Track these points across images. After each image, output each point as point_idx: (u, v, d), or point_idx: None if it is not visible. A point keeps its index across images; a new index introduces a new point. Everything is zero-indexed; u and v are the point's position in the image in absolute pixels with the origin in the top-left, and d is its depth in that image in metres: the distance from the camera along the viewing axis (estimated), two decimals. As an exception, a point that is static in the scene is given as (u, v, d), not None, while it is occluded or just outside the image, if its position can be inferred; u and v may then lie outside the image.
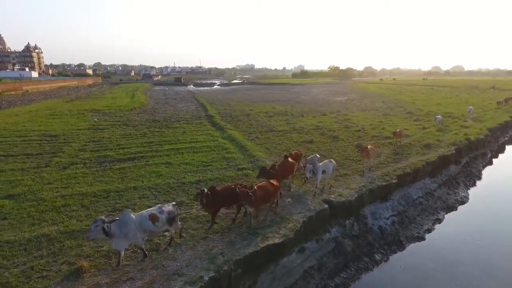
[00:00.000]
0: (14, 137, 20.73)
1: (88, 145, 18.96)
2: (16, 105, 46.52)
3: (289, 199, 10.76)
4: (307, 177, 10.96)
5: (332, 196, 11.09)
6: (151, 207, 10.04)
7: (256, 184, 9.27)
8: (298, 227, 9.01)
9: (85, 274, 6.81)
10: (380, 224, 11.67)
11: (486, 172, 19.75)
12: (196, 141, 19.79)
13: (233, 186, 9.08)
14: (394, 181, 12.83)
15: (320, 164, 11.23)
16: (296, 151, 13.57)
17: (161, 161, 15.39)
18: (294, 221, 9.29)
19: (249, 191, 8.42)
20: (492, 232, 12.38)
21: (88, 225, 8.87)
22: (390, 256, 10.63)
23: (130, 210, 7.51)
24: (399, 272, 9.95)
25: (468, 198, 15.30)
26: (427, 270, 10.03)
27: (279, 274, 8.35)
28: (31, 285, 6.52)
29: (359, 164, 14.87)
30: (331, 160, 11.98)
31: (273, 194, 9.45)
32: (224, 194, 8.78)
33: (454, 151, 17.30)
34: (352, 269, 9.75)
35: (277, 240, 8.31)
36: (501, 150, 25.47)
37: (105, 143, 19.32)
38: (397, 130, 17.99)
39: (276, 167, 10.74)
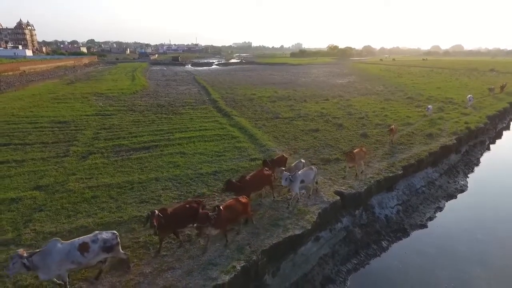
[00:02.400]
0: (25, 124, 21.09)
1: (100, 133, 19.43)
2: (14, 86, 46.35)
3: (303, 191, 11.49)
4: (283, 185, 10.10)
5: (343, 188, 11.85)
6: (175, 199, 10.90)
7: (222, 203, 8.73)
8: (314, 219, 9.79)
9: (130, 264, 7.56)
10: (386, 213, 12.54)
11: (484, 159, 20.62)
12: (205, 129, 20.32)
13: (187, 205, 8.36)
14: (400, 172, 13.60)
15: (300, 172, 10.42)
16: (280, 155, 12.77)
17: (175, 150, 15.98)
18: (311, 213, 10.06)
19: (211, 214, 7.74)
20: (488, 219, 13.34)
21: (121, 217, 9.66)
22: (395, 243, 11.55)
23: (58, 239, 6.83)
24: (404, 258, 10.88)
25: (467, 187, 16.19)
26: (429, 255, 10.98)
27: (298, 261, 9.21)
28: (83, 274, 7.28)
29: (366, 154, 15.57)
30: (312, 167, 11.11)
31: (242, 213, 8.73)
32: (178, 214, 8.08)
33: (455, 141, 18.04)
34: (362, 255, 10.66)
35: (297, 231, 9.10)
36: (499, 136, 26.33)
37: (116, 131, 19.78)
38: (391, 126, 17.20)
39: (247, 178, 9.81)
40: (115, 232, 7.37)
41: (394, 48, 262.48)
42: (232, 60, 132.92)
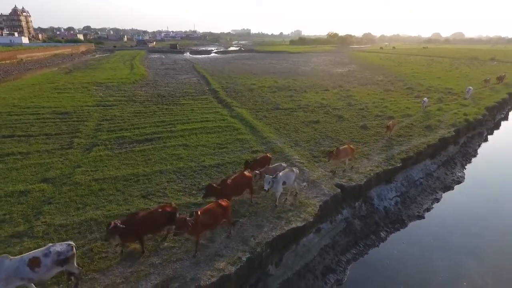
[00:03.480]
0: (27, 115, 21.17)
1: (103, 124, 19.57)
2: (13, 75, 46.08)
3: (304, 183, 11.79)
4: (265, 189, 9.73)
5: (344, 180, 12.16)
6: (180, 191, 11.18)
7: (200, 208, 8.40)
8: (316, 211, 10.12)
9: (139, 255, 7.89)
10: (385, 204, 12.90)
11: (482, 150, 20.94)
12: (207, 120, 20.48)
13: (159, 210, 8.12)
14: (398, 164, 13.90)
15: (281, 173, 10.11)
16: (264, 155, 12.55)
17: (178, 142, 16.19)
18: (312, 205, 10.39)
19: (188, 219, 7.44)
20: (484, 210, 13.73)
21: (128, 210, 9.95)
22: (393, 234, 11.94)
23: (6, 255, 6.51)
24: (401, 248, 11.29)
25: (464, 178, 16.53)
26: (426, 245, 11.39)
27: (300, 252, 9.58)
28: (95, 265, 7.60)
29: (366, 146, 15.87)
30: (293, 169, 10.71)
31: (221, 217, 8.35)
32: (146, 220, 7.82)
33: (453, 133, 18.31)
34: (361, 245, 11.04)
35: (299, 224, 9.43)
36: (497, 127, 26.61)
37: (118, 122, 19.92)
38: (389, 123, 17.03)
39: (228, 181, 9.52)
40: (71, 243, 7.06)
41: (394, 35, 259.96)
42: (231, 48, 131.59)
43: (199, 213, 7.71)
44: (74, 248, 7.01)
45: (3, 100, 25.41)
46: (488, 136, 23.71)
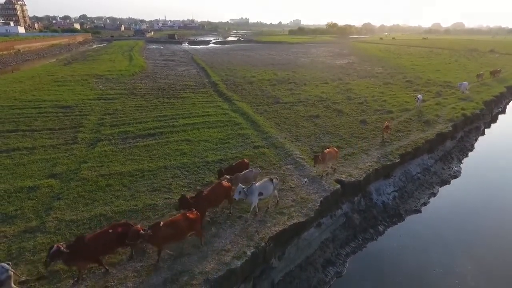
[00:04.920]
0: (29, 109, 21.33)
1: (105, 118, 19.78)
2: (11, 66, 45.88)
3: (305, 179, 12.14)
4: (234, 198, 9.29)
5: (343, 176, 12.51)
6: (185, 187, 11.51)
7: (164, 219, 8.27)
8: (317, 206, 10.49)
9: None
10: (383, 199, 13.30)
11: (478, 144, 21.30)
12: (208, 115, 20.71)
13: (110, 231, 7.55)
14: (397, 160, 14.25)
15: (257, 184, 9.59)
16: (240, 160, 11.99)
17: (180, 137, 16.45)
18: (313, 201, 10.75)
19: (142, 232, 7.30)
20: (479, 203, 14.18)
21: (136, 205, 10.31)
22: (391, 227, 12.38)
23: None
24: (399, 241, 11.73)
25: (460, 172, 16.94)
26: (422, 238, 11.85)
27: (301, 246, 9.99)
28: (109, 260, 7.95)
29: (365, 142, 16.20)
30: (272, 178, 10.08)
31: (187, 230, 8.09)
32: (95, 243, 7.26)
33: (451, 128, 18.64)
34: (360, 239, 11.48)
35: (301, 219, 9.81)
36: (494, 120, 26.97)
37: (121, 117, 20.13)
38: (386, 124, 16.65)
39: (204, 193, 9.12)
40: (6, 264, 6.74)
41: (394, 25, 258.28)
42: (230, 38, 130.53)
43: (161, 224, 7.58)
44: (10, 270, 6.59)
45: (4, 93, 25.49)
46: (485, 130, 24.09)
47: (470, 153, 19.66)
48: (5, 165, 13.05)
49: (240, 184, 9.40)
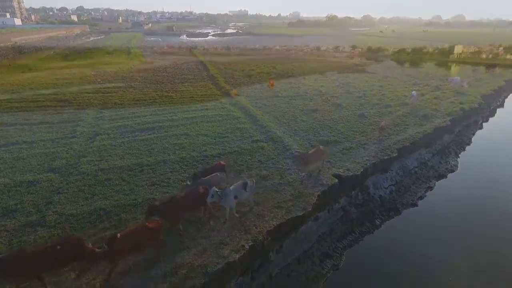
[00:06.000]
0: (27, 102, 21.28)
1: (104, 112, 19.75)
2: (8, 59, 45.44)
3: (303, 174, 12.22)
4: (207, 201, 8.89)
5: (341, 170, 12.60)
6: (184, 181, 11.56)
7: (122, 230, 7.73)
8: (314, 200, 10.60)
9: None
10: (380, 193, 13.42)
11: (476, 138, 21.36)
12: (207, 109, 20.71)
13: (58, 246, 6.88)
14: (394, 154, 14.34)
15: (232, 187, 9.30)
16: (217, 162, 11.40)
17: (179, 131, 16.48)
18: (311, 195, 10.86)
19: (97, 250, 6.91)
20: (475, 197, 14.31)
21: (135, 199, 10.39)
22: (388, 221, 12.50)
23: None
24: (395, 234, 11.87)
25: (457, 166, 17.04)
26: (418, 231, 11.98)
27: (299, 239, 10.12)
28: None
29: (363, 136, 16.26)
30: (247, 180, 9.90)
31: (147, 241, 7.74)
32: (38, 258, 6.62)
33: (449, 122, 18.70)
34: (357, 232, 11.60)
35: (299, 213, 9.92)
36: (492, 114, 26.99)
37: (119, 110, 20.12)
38: (381, 123, 16.54)
39: (178, 198, 8.79)
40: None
41: (394, 18, 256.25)
42: (228, 31, 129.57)
43: (118, 236, 7.13)
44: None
45: (1, 86, 25.38)
46: (483, 124, 24.14)
47: (467, 147, 19.75)
48: (4, 159, 13.10)
49: (214, 187, 8.98)
